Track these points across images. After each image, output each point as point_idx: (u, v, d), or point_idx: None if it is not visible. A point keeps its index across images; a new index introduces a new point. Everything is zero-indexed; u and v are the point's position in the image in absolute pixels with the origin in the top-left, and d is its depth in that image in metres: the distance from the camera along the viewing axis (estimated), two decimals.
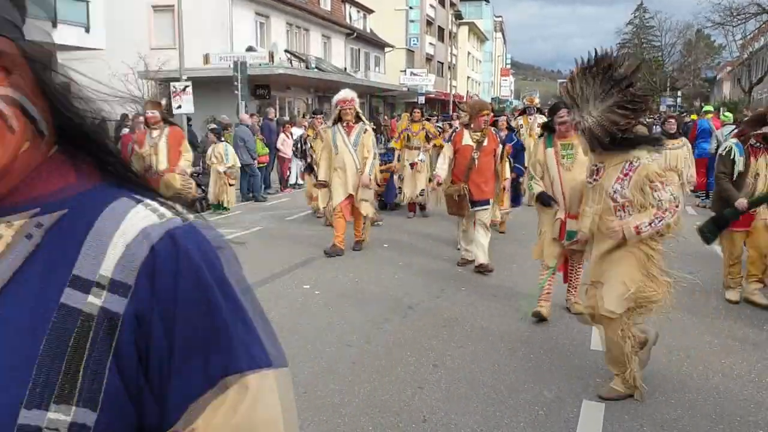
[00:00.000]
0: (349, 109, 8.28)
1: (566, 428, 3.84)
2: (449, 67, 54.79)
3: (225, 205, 12.51)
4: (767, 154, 6.21)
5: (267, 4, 26.55)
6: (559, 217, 5.52)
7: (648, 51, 66.29)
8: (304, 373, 4.60)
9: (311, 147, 11.39)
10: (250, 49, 24.30)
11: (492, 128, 7.68)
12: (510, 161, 8.52)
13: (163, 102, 13.82)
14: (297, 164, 16.30)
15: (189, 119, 16.45)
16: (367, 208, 8.54)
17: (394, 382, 4.45)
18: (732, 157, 6.20)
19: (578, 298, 5.37)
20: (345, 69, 34.54)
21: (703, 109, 15.95)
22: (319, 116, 12.13)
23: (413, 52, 47.44)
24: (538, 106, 14.05)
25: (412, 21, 46.69)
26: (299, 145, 13.89)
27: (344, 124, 8.33)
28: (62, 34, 16.71)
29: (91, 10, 17.40)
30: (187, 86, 17.73)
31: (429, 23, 50.73)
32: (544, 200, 5.59)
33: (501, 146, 7.54)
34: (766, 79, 36.83)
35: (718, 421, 3.92)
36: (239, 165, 13.01)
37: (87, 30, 17.48)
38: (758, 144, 6.20)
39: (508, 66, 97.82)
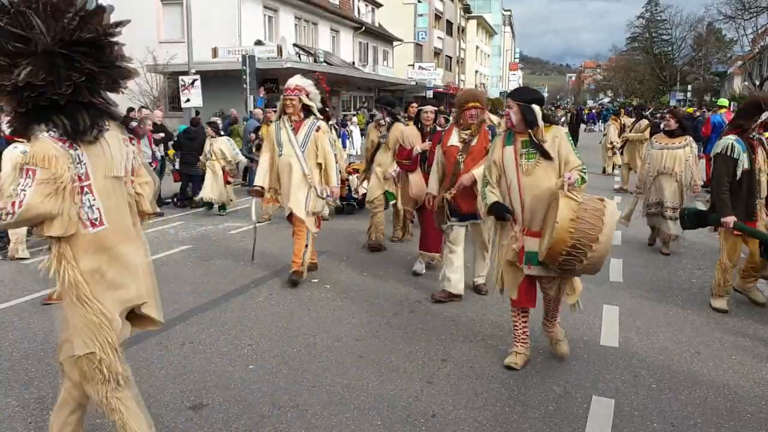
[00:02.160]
0: (291, 99, 6.55)
1: (576, 424, 3.82)
2: (457, 61, 54.64)
3: (225, 205, 11.47)
4: (764, 148, 5.83)
5: None
6: (514, 235, 4.46)
7: (658, 45, 65.89)
8: (313, 367, 4.60)
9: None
10: (258, 43, 24.29)
11: (490, 125, 6.25)
12: None
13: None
14: None
15: (197, 112, 16.47)
16: (311, 224, 6.72)
17: (402, 377, 4.45)
18: (733, 155, 5.60)
19: (557, 330, 4.77)
20: (353, 63, 34.49)
21: (717, 103, 15.82)
22: (271, 109, 10.96)
23: (421, 46, 47.30)
24: None
25: (420, 15, 46.53)
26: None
27: (291, 119, 6.65)
28: None
29: (100, 3, 17.40)
30: (195, 80, 17.77)
31: (437, 17, 50.56)
32: (498, 212, 4.47)
33: None
34: None
35: (728, 418, 3.90)
36: (240, 160, 11.99)
37: None
38: (758, 136, 5.79)
39: (517, 60, 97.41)
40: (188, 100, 17.59)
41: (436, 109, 7.85)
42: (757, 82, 37.12)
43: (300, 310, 5.93)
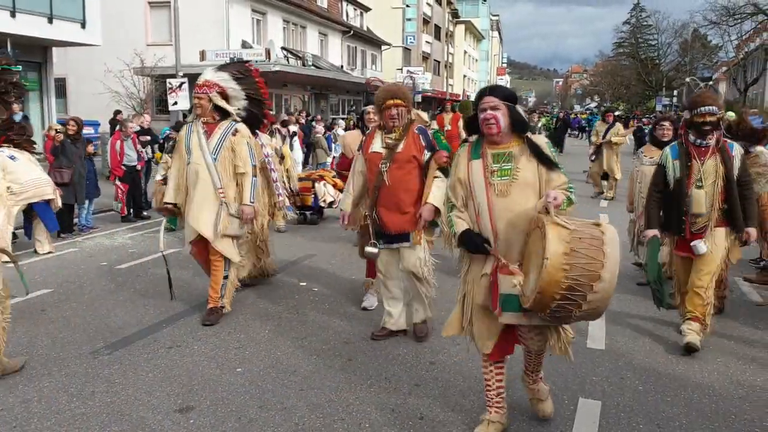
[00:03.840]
0: (199, 98, 5.51)
1: (563, 425, 3.84)
2: (446, 66, 54.83)
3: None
4: (718, 156, 4.89)
5: (264, 1, 26.50)
6: (486, 272, 3.52)
7: (644, 50, 66.41)
8: (301, 370, 4.60)
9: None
10: (245, 44, 24.27)
11: (421, 126, 5.13)
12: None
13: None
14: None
15: (185, 115, 16.41)
16: (229, 250, 5.64)
17: (390, 380, 4.45)
18: (660, 161, 5.11)
19: (540, 388, 3.89)
20: (342, 66, 34.52)
21: None
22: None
23: (410, 50, 47.41)
24: None
25: (408, 19, 46.65)
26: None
27: (202, 121, 5.56)
28: (58, 30, 16.67)
29: (87, 5, 17.36)
30: (183, 83, 17.70)
31: (426, 21, 50.72)
32: (471, 243, 3.53)
33: (428, 152, 4.94)
34: (761, 79, 36.94)
35: (713, 419, 3.94)
36: None
37: (83, 26, 17.45)
38: (701, 142, 4.91)
39: (505, 65, 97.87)
40: (176, 103, 17.52)
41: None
42: (742, 88, 37.49)
43: (288, 313, 5.93)
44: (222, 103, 5.56)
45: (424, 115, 5.26)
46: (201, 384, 4.37)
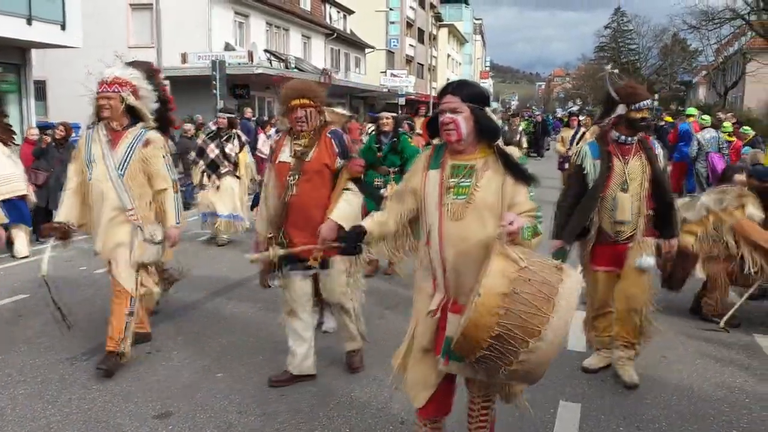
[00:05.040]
0: (107, 98, 4.53)
1: (543, 429, 3.86)
2: (429, 69, 54.94)
3: None
4: (642, 155, 4.33)
5: (246, 3, 26.41)
6: (432, 309, 2.97)
7: (626, 54, 67.00)
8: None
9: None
10: (228, 46, 24.16)
11: (334, 129, 4.30)
12: None
13: None
14: None
15: None
16: (130, 280, 4.66)
17: (371, 384, 4.43)
18: (578, 161, 4.48)
19: None
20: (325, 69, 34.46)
21: (685, 112, 16.03)
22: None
23: (393, 53, 47.48)
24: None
25: (392, 22, 46.71)
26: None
27: (108, 127, 4.62)
28: (37, 32, 16.47)
29: (68, 7, 17.17)
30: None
31: (409, 25, 50.81)
32: (349, 240, 3.08)
33: (341, 159, 4.20)
34: (740, 83, 37.42)
35: (692, 421, 3.97)
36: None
37: (63, 27, 17.25)
38: (625, 139, 4.33)
39: (488, 68, 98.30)
40: None
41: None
42: (722, 92, 37.95)
43: (269, 318, 5.88)
44: (137, 104, 4.64)
45: (341, 111, 4.60)
46: (180, 389, 4.33)
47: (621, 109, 4.31)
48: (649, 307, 4.49)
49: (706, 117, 12.99)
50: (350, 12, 40.13)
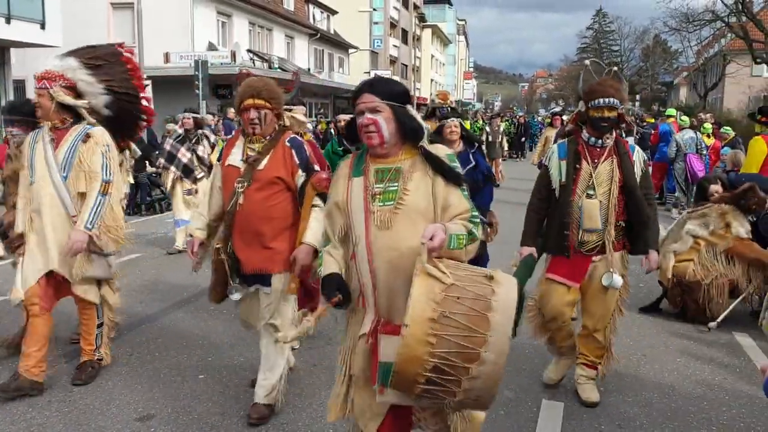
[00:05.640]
0: (40, 95, 4.21)
1: (526, 427, 3.87)
2: (413, 70, 55.03)
3: None
4: (615, 159, 3.94)
5: (229, 3, 26.28)
6: (364, 332, 2.67)
7: (608, 56, 67.58)
8: None
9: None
10: (211, 46, 24.04)
11: (294, 136, 3.86)
12: None
13: None
14: None
15: None
16: (92, 291, 4.40)
17: None
18: (547, 164, 4.14)
19: None
20: (309, 69, 34.40)
21: (665, 113, 16.17)
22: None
23: (377, 53, 47.48)
24: (452, 105, 9.00)
25: (375, 23, 46.72)
26: None
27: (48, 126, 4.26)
28: (17, 31, 16.30)
29: (47, 6, 17.00)
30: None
31: (393, 25, 50.86)
32: (326, 289, 2.67)
33: (302, 173, 3.75)
34: (721, 84, 37.86)
35: (672, 419, 4.01)
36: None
37: (43, 26, 17.08)
38: (595, 141, 3.97)
39: (471, 69, 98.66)
40: None
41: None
42: (702, 93, 38.38)
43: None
44: (68, 101, 4.18)
45: (300, 117, 4.07)
46: (162, 392, 4.30)
47: (581, 106, 4.03)
48: (614, 326, 4.25)
49: (685, 118, 13.12)
50: (334, 12, 40.08)
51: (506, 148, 19.88)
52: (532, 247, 4.02)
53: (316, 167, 3.82)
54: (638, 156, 4.05)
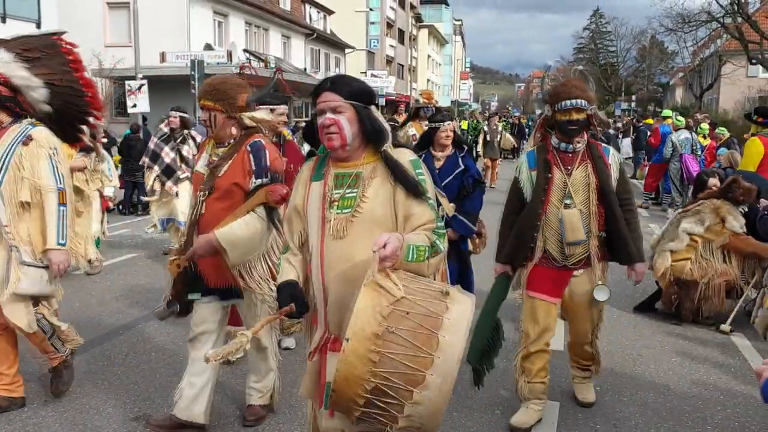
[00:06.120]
0: None
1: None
2: (409, 70, 55.10)
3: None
4: (589, 165, 3.68)
5: (225, 3, 26.29)
6: (310, 350, 2.58)
7: (604, 56, 67.68)
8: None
9: None
10: (207, 47, 24.02)
11: (257, 141, 3.51)
12: None
13: None
14: None
15: (144, 118, 16.17)
16: (24, 317, 3.79)
17: None
18: (517, 175, 3.86)
19: None
20: (305, 69, 34.40)
21: (662, 114, 16.18)
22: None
23: (374, 53, 47.50)
24: (437, 104, 8.46)
25: (372, 23, 46.73)
26: None
27: None
28: (12, 30, 16.26)
29: (43, 5, 17.01)
30: (142, 85, 17.44)
31: (389, 25, 50.88)
32: (282, 299, 2.46)
33: (255, 179, 3.43)
34: (716, 85, 37.97)
35: (667, 418, 4.03)
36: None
37: (38, 26, 17.06)
38: (566, 146, 3.70)
39: (468, 69, 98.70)
40: (135, 105, 17.24)
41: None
42: (698, 93, 38.48)
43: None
44: (20, 100, 3.78)
45: (263, 116, 3.64)
46: (158, 391, 4.30)
47: (546, 110, 3.75)
48: (599, 335, 4.10)
49: (681, 118, 13.16)
50: (330, 12, 40.08)
51: (512, 141, 19.69)
52: (507, 264, 3.86)
53: (279, 176, 3.52)
54: (614, 159, 3.77)
